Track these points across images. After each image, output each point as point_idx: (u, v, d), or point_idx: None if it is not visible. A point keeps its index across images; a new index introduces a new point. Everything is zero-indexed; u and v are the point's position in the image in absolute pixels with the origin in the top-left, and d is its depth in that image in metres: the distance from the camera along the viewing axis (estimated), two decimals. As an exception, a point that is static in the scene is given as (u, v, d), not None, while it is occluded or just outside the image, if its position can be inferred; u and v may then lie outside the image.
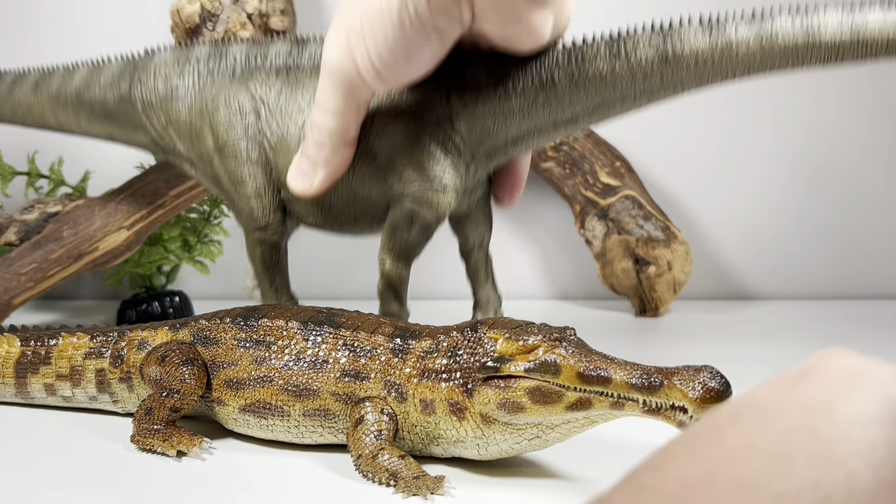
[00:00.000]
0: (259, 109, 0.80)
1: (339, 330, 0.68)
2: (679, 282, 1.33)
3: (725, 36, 0.67)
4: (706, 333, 1.22)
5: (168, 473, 0.65)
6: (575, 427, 0.59)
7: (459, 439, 0.62)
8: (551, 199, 1.49)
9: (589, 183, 1.35)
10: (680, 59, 0.69)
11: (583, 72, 0.72)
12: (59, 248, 1.11)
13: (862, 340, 1.16)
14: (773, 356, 1.05)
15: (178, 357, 0.71)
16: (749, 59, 0.67)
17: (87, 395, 0.78)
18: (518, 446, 0.61)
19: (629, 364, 0.56)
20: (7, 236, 1.12)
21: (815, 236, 1.54)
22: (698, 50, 0.68)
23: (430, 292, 1.52)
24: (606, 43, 0.72)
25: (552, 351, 0.58)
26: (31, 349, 0.78)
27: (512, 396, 0.58)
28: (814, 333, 1.21)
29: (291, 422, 0.67)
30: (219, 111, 0.82)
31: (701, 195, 1.49)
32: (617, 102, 0.73)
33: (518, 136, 0.76)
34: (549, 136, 0.77)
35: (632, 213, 1.33)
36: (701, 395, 0.52)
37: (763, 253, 1.54)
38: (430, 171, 0.75)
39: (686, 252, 1.33)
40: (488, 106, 0.74)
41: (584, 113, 0.74)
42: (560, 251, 1.53)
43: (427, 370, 0.63)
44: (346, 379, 0.66)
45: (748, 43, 0.67)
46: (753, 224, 1.53)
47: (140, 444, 0.69)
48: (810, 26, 0.65)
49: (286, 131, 0.79)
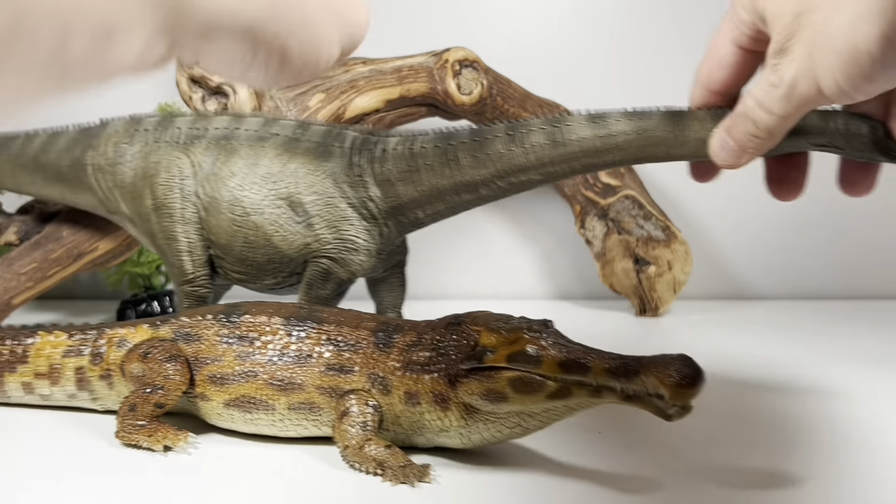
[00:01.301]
0: (196, 174, 0.88)
1: (322, 325, 0.70)
2: (679, 282, 1.33)
3: (607, 128, 0.76)
4: (706, 333, 1.22)
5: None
6: (555, 415, 0.61)
7: (444, 429, 0.64)
8: (551, 199, 1.49)
9: (589, 183, 1.35)
10: (567, 144, 0.77)
11: (483, 148, 0.80)
12: (59, 248, 1.11)
13: (862, 340, 1.15)
14: (773, 356, 1.05)
15: (162, 354, 0.71)
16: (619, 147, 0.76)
17: (66, 393, 0.78)
18: (500, 434, 0.63)
19: (607, 354, 0.58)
20: (7, 236, 1.12)
21: (815, 236, 1.54)
22: (584, 137, 0.77)
23: (430, 292, 1.52)
24: (506, 126, 0.80)
25: (533, 342, 0.60)
26: (8, 348, 0.78)
27: (495, 387, 0.60)
28: (814, 333, 1.21)
29: (276, 415, 0.69)
30: (160, 174, 0.90)
31: (701, 195, 1.49)
32: (512, 175, 0.81)
33: (428, 203, 0.84)
34: (460, 205, 0.84)
35: (632, 212, 1.33)
36: (676, 382, 0.54)
37: (763, 253, 1.54)
38: (345, 233, 0.84)
39: (686, 252, 1.33)
40: (400, 174, 0.83)
41: (488, 182, 0.81)
42: (560, 251, 1.53)
43: (411, 363, 0.65)
44: (330, 372, 0.68)
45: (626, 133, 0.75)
46: (753, 224, 1.53)
47: (125, 439, 0.69)
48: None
49: (218, 194, 0.87)
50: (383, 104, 1.21)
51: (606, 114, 0.76)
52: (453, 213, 0.85)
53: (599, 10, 1.49)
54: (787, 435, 0.73)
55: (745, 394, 0.87)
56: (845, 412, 0.80)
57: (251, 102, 1.08)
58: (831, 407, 0.82)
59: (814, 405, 0.83)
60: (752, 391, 0.88)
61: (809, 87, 0.62)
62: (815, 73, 0.61)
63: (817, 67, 0.61)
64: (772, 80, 0.64)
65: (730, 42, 0.69)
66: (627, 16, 1.49)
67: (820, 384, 0.91)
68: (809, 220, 1.53)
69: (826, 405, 0.83)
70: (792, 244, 1.54)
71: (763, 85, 0.65)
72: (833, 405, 0.83)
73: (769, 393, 0.87)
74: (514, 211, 1.53)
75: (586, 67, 1.49)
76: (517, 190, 0.82)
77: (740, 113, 0.68)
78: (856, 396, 0.85)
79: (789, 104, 0.64)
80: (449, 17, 1.49)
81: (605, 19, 1.50)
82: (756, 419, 0.78)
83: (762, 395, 0.86)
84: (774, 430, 0.74)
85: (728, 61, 0.70)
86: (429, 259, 1.54)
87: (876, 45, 0.56)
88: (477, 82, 1.24)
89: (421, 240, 1.52)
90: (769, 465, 0.65)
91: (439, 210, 0.84)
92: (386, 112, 1.21)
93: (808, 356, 1.05)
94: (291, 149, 0.86)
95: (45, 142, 1.02)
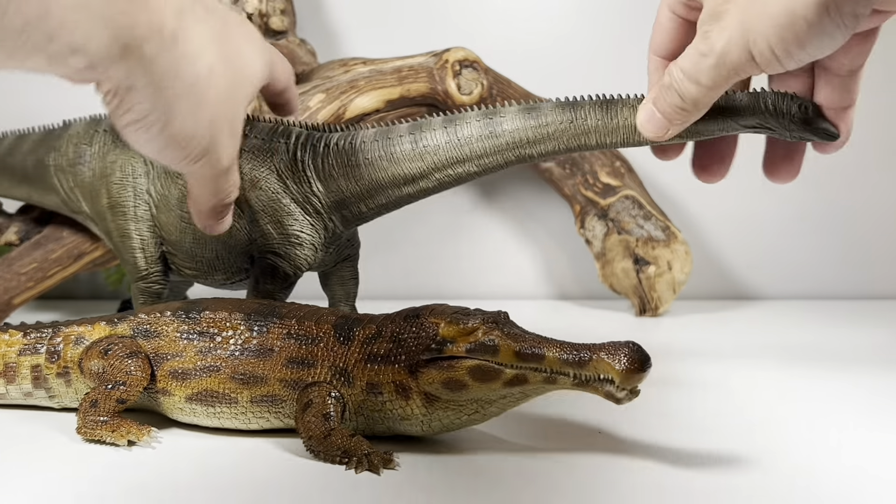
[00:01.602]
0: (149, 172, 0.91)
1: (283, 320, 0.72)
2: (679, 282, 1.33)
3: (540, 118, 0.78)
4: (706, 333, 1.22)
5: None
6: (511, 401, 0.65)
7: (405, 417, 0.67)
8: (551, 199, 1.49)
9: (589, 183, 1.35)
10: (500, 135, 0.79)
11: (420, 142, 0.82)
12: (59, 248, 1.11)
13: (862, 340, 1.16)
14: (773, 356, 1.05)
15: (122, 350, 0.72)
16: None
17: (22, 391, 0.78)
18: (459, 421, 0.67)
19: (560, 342, 0.61)
20: (7, 236, 1.12)
21: (815, 236, 1.54)
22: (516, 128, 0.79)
23: (429, 292, 1.52)
24: (443, 120, 0.82)
25: (490, 333, 0.63)
26: None
27: (455, 375, 0.63)
28: (814, 333, 1.21)
29: (239, 408, 0.70)
30: (115, 174, 0.93)
31: (701, 195, 1.49)
32: (449, 168, 0.82)
33: (370, 197, 0.85)
34: (402, 198, 0.85)
35: (632, 212, 1.33)
36: (626, 367, 0.58)
37: (763, 253, 1.54)
38: (289, 228, 0.85)
39: (686, 252, 1.33)
40: (341, 169, 0.84)
41: (426, 175, 0.83)
42: (560, 251, 1.54)
43: (372, 355, 0.68)
44: (292, 366, 0.69)
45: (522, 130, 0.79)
46: (753, 224, 1.53)
47: (87, 435, 0.70)
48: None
49: (168, 192, 0.89)
50: (383, 104, 1.21)
51: (539, 104, 0.79)
52: (396, 206, 0.86)
53: (600, 10, 1.49)
54: (787, 435, 0.73)
55: (744, 394, 0.87)
56: (846, 412, 0.80)
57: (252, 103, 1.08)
58: (831, 407, 0.82)
59: (814, 405, 0.83)
60: (753, 391, 0.88)
61: (741, 55, 0.62)
62: (747, 38, 0.61)
63: (750, 32, 0.61)
64: (701, 49, 0.64)
65: (667, 8, 0.71)
66: (628, 16, 1.49)
67: (820, 384, 0.91)
68: (810, 221, 1.53)
69: (826, 405, 0.83)
70: (792, 244, 1.54)
71: (691, 54, 0.65)
72: (833, 405, 0.83)
73: (769, 393, 0.87)
74: (514, 211, 1.53)
75: (587, 67, 1.49)
76: (456, 182, 0.84)
77: (666, 85, 0.68)
78: (856, 396, 0.85)
79: (718, 74, 0.64)
80: (449, 17, 1.49)
81: (606, 19, 1.50)
82: (756, 419, 0.78)
83: (762, 396, 0.86)
84: (775, 430, 0.74)
85: (667, 27, 0.71)
86: (428, 259, 1.54)
87: (813, 10, 0.57)
88: (477, 82, 1.24)
89: (420, 240, 1.52)
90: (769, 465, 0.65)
91: (382, 203, 0.85)
92: (386, 112, 1.21)
93: (808, 356, 1.05)
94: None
95: (11, 144, 1.06)
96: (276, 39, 1.28)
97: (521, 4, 1.49)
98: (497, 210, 1.53)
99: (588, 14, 1.50)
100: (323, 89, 1.20)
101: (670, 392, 0.86)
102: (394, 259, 1.52)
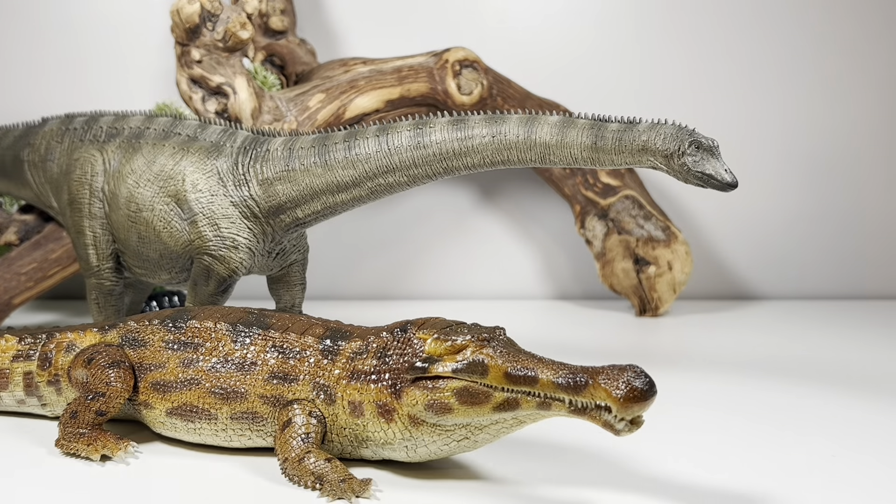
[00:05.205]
0: (106, 171, 0.92)
1: (268, 331, 0.68)
2: (679, 282, 1.33)
3: (465, 130, 0.80)
4: (706, 333, 1.22)
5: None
6: (504, 428, 0.59)
7: (388, 441, 0.62)
8: (551, 199, 1.49)
9: (589, 182, 1.35)
10: (428, 146, 0.80)
11: (353, 150, 0.83)
12: (59, 248, 1.11)
13: (862, 340, 1.16)
14: (773, 356, 1.05)
15: (105, 359, 0.69)
16: None
17: (15, 398, 0.76)
18: (447, 448, 0.61)
19: (556, 364, 0.55)
20: (7, 236, 1.12)
21: (816, 236, 1.54)
22: (444, 140, 0.80)
23: (429, 292, 1.52)
24: (376, 129, 0.83)
25: (480, 351, 0.57)
26: None
27: (439, 397, 0.58)
28: (814, 333, 1.21)
29: (219, 425, 0.67)
30: (76, 171, 0.95)
31: (701, 195, 1.49)
32: (380, 177, 0.83)
33: (305, 203, 0.85)
34: (337, 206, 0.85)
35: (632, 212, 1.33)
36: (625, 395, 0.51)
37: (763, 253, 1.54)
38: (225, 231, 0.86)
39: (686, 252, 1.33)
40: (278, 174, 0.85)
41: (358, 183, 0.84)
42: (560, 251, 1.53)
43: (356, 371, 0.63)
44: (274, 381, 0.65)
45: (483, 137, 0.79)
46: (753, 224, 1.53)
47: (64, 447, 0.67)
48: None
49: (118, 190, 0.90)
50: (383, 104, 1.21)
51: (467, 118, 0.80)
52: (332, 213, 0.86)
53: (600, 10, 1.49)
54: (787, 435, 0.73)
55: (744, 394, 0.87)
56: (846, 412, 0.80)
57: (252, 103, 1.08)
58: (832, 407, 0.82)
59: (815, 405, 0.83)
60: (753, 391, 0.88)
61: None
62: None
63: None
64: None
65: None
66: (628, 16, 1.49)
67: (821, 384, 0.91)
68: (809, 221, 1.53)
69: (826, 405, 0.83)
70: (792, 244, 1.54)
71: None
72: (833, 405, 0.83)
73: (769, 393, 0.87)
74: (514, 211, 1.53)
75: (587, 67, 1.49)
76: (387, 192, 0.84)
77: None
78: (856, 397, 0.85)
79: None
80: (449, 17, 1.49)
81: (606, 19, 1.50)
82: (756, 419, 0.78)
83: (762, 396, 0.86)
84: (774, 431, 0.74)
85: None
86: (428, 259, 1.54)
87: None
88: (477, 82, 1.24)
89: (420, 240, 1.52)
90: (769, 465, 0.65)
91: (317, 210, 0.86)
92: (386, 112, 1.21)
93: (808, 356, 1.05)
94: (186, 147, 0.89)
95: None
96: (276, 39, 1.28)
97: (521, 4, 1.49)
98: (497, 210, 1.53)
99: (589, 14, 1.50)
100: (323, 89, 1.20)
101: (670, 392, 0.86)
102: (393, 259, 1.52)
